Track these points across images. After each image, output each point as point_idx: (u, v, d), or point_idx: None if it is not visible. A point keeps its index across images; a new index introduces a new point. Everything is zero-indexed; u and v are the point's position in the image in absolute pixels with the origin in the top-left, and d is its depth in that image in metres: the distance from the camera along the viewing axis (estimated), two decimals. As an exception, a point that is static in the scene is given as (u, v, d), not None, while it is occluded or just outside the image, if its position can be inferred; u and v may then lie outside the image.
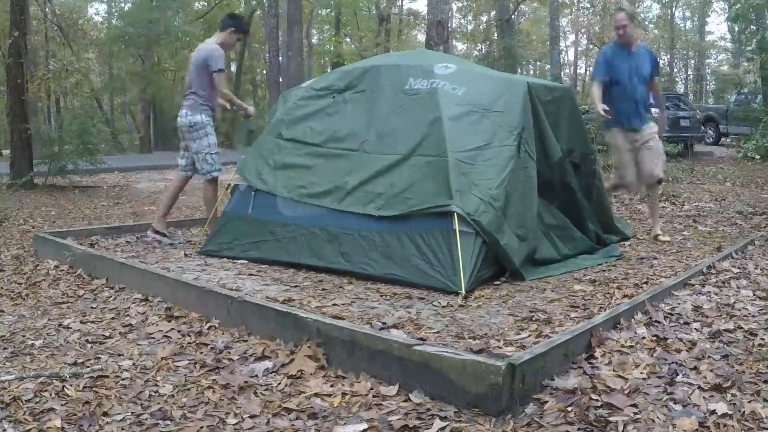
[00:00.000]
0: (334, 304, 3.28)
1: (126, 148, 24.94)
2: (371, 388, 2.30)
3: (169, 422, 2.11)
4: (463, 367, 2.14)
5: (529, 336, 2.75)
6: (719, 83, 29.49)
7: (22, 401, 2.24)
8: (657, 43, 31.78)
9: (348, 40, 30.40)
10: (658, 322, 2.94)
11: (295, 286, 3.69)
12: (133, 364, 2.61)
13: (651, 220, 5.38)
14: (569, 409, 2.09)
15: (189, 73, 5.07)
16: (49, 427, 2.06)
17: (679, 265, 4.20)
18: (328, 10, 28.28)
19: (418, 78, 4.19)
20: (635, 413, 2.07)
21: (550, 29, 18.99)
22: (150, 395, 2.31)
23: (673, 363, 2.47)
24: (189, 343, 2.86)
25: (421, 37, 30.32)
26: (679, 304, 3.24)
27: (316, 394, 2.28)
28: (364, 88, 4.39)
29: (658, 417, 2.04)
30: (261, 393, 2.32)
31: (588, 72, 33.10)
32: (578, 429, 1.99)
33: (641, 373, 2.37)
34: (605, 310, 3.04)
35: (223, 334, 2.95)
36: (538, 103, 4.11)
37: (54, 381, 2.41)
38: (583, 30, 30.60)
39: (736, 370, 2.42)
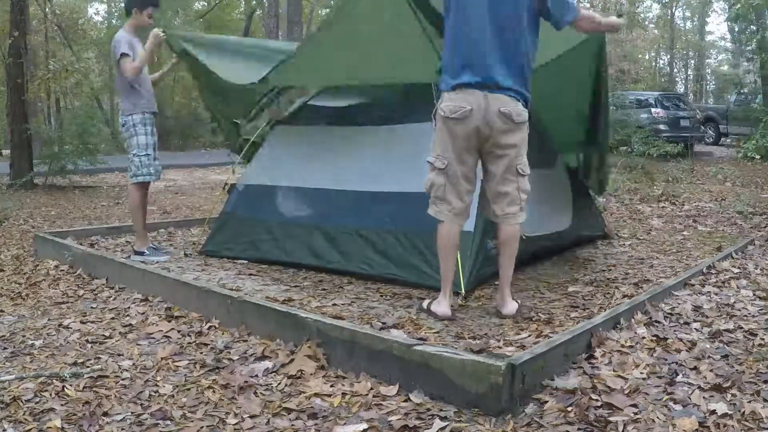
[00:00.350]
0: (334, 304, 3.28)
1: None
2: (371, 388, 2.30)
3: (169, 422, 2.11)
4: (463, 367, 2.14)
5: (529, 336, 2.75)
6: (719, 83, 29.50)
7: (22, 401, 2.24)
8: (657, 43, 31.81)
9: (348, 40, 30.39)
10: (658, 322, 2.94)
11: (295, 286, 3.69)
12: (133, 364, 2.61)
13: None
14: (569, 409, 2.09)
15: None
16: (49, 427, 2.06)
17: (679, 265, 4.21)
18: (328, 10, 28.28)
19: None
20: (635, 413, 2.07)
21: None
22: (150, 395, 2.31)
23: (673, 363, 2.47)
24: (189, 343, 2.86)
25: (421, 37, 30.26)
26: (679, 304, 3.24)
27: (316, 394, 2.28)
28: None
29: (658, 417, 2.04)
30: (261, 393, 2.32)
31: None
32: (578, 429, 1.99)
33: (641, 373, 2.37)
34: (605, 310, 3.04)
35: (223, 334, 2.94)
36: None
37: (54, 381, 2.41)
38: (583, 30, 30.52)
39: (736, 370, 2.42)
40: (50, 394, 2.31)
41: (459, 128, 2.92)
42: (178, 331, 3.01)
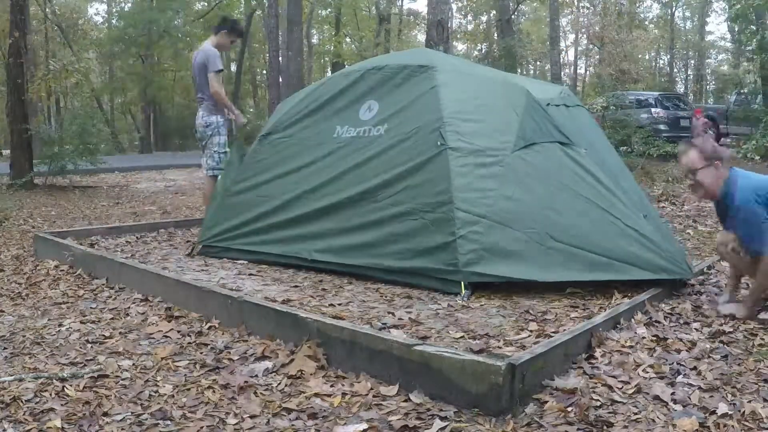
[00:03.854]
0: (334, 304, 3.28)
1: (126, 148, 24.95)
2: (371, 388, 2.30)
3: (169, 422, 2.11)
4: (463, 367, 2.14)
5: (529, 336, 2.75)
6: (719, 83, 29.47)
7: (22, 401, 2.24)
8: (657, 43, 31.81)
9: (348, 40, 30.42)
10: (658, 322, 2.94)
11: (295, 286, 3.69)
12: (133, 364, 2.61)
13: None
14: (569, 409, 2.09)
15: (194, 77, 5.31)
16: (49, 427, 2.06)
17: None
18: (328, 10, 28.29)
19: (345, 125, 4.19)
20: (635, 413, 2.07)
21: (550, 29, 18.99)
22: (150, 395, 2.31)
23: (673, 363, 2.47)
24: (189, 343, 2.86)
25: (421, 37, 30.33)
26: (679, 304, 3.24)
27: (316, 394, 2.28)
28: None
29: (658, 417, 2.04)
30: (261, 393, 2.32)
31: (588, 72, 33.11)
32: (578, 429, 1.99)
33: (641, 373, 2.37)
34: (605, 310, 3.04)
35: (223, 334, 2.95)
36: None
37: (54, 381, 2.41)
38: (583, 30, 30.60)
39: (736, 370, 2.42)
40: (50, 394, 2.31)
41: None
42: (178, 331, 3.01)
